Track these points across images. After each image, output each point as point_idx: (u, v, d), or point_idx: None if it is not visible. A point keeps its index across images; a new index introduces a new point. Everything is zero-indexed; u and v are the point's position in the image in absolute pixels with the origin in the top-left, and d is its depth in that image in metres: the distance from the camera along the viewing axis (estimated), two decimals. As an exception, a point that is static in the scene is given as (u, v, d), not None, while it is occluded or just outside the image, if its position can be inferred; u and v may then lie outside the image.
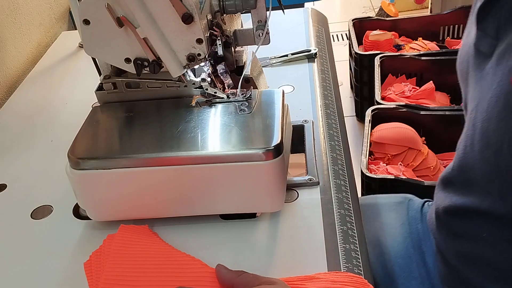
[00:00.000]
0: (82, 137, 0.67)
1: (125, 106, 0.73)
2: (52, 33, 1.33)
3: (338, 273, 0.59)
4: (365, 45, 2.14)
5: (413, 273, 0.79)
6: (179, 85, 0.72)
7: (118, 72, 0.73)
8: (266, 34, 0.72)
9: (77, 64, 1.14)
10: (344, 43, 2.67)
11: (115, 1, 0.64)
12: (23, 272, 0.65)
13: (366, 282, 0.58)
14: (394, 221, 0.87)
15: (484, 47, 0.61)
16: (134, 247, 0.63)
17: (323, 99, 0.90)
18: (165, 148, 0.63)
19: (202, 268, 0.59)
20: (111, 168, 0.62)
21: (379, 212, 0.90)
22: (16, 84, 1.10)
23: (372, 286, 0.57)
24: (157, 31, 0.65)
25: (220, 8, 0.70)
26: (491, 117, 0.58)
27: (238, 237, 0.66)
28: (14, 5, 1.16)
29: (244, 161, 0.61)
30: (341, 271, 0.60)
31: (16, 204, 0.76)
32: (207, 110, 0.69)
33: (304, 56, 1.02)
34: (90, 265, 0.62)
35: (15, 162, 0.85)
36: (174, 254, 0.62)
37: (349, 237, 0.65)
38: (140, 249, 0.62)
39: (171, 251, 0.62)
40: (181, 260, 0.61)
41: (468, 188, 0.67)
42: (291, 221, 0.67)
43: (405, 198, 0.90)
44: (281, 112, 0.67)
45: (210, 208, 0.66)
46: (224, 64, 0.73)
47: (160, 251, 0.62)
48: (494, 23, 0.60)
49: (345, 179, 0.74)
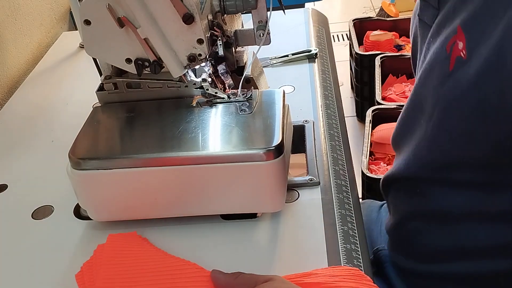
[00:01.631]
0: (83, 137, 0.67)
1: (126, 106, 0.73)
2: (52, 33, 1.33)
3: (335, 268, 0.59)
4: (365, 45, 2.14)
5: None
6: (179, 86, 0.72)
7: (118, 73, 0.73)
8: (267, 34, 0.72)
9: (78, 65, 1.14)
10: (345, 43, 2.67)
11: (116, 2, 0.64)
12: (24, 272, 0.65)
13: (363, 274, 0.58)
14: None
15: (427, 18, 0.62)
16: (125, 256, 0.62)
17: (324, 99, 0.90)
18: (166, 148, 0.63)
19: (197, 272, 0.59)
20: (112, 168, 0.63)
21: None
22: (17, 85, 1.10)
23: (369, 278, 0.57)
24: (158, 31, 0.65)
25: (220, 9, 0.70)
26: (425, 84, 0.59)
27: (239, 238, 0.66)
28: (15, 6, 1.16)
29: (244, 161, 0.61)
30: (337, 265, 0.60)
31: (17, 204, 0.76)
32: (208, 110, 0.69)
33: (305, 56, 1.02)
34: (82, 276, 0.61)
35: (16, 163, 0.85)
36: (167, 259, 0.61)
37: (350, 237, 0.65)
38: (132, 257, 0.62)
39: (164, 257, 0.62)
40: (175, 265, 0.60)
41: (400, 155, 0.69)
42: (291, 221, 0.67)
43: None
44: (282, 112, 0.67)
45: (210, 208, 0.66)
46: (224, 65, 0.73)
47: (153, 258, 0.61)
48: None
49: (345, 179, 0.74)
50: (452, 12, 0.56)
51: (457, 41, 0.54)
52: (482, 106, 0.51)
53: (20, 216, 0.73)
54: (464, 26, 0.53)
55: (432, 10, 0.61)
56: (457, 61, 0.54)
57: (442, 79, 0.56)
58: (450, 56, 0.55)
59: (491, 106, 0.51)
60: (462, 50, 0.53)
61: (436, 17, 0.60)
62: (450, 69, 0.54)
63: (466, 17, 0.53)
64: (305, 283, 0.56)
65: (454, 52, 0.54)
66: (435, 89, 0.57)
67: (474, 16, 0.52)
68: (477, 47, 0.51)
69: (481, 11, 0.52)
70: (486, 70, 0.50)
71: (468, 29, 0.53)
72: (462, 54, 0.53)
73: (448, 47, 0.55)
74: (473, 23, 0.52)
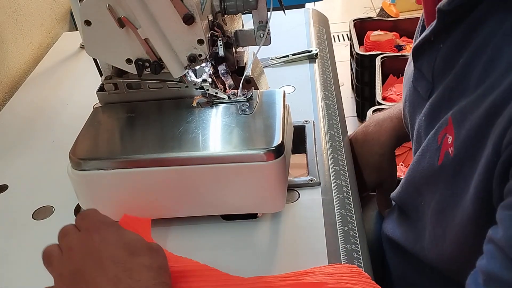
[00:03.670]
0: (83, 138, 0.67)
1: (126, 106, 0.73)
2: (53, 33, 1.33)
3: (333, 265, 0.59)
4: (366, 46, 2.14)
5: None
6: (180, 86, 0.72)
7: (119, 73, 0.73)
8: (267, 34, 0.72)
9: (78, 65, 1.14)
10: (345, 43, 2.67)
11: (116, 2, 0.64)
12: (25, 272, 0.65)
13: (361, 271, 0.58)
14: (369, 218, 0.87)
15: (421, 89, 0.58)
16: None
17: (324, 100, 0.90)
18: (166, 148, 0.63)
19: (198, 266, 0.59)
20: (113, 168, 0.63)
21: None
22: (18, 85, 1.11)
23: (367, 275, 0.57)
24: (158, 31, 0.65)
25: (221, 9, 0.70)
26: (417, 169, 0.56)
27: (239, 238, 0.66)
28: (15, 6, 1.16)
29: (245, 162, 0.61)
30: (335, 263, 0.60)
31: (17, 204, 0.76)
32: (208, 111, 0.69)
33: (305, 56, 1.02)
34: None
35: (17, 163, 0.85)
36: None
37: (350, 237, 0.65)
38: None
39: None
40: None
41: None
42: (292, 222, 0.67)
43: None
44: (282, 112, 0.67)
45: (211, 208, 0.66)
46: (225, 65, 0.73)
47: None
48: (429, 65, 0.56)
49: (346, 179, 0.74)
50: (447, 100, 0.52)
51: (447, 134, 0.51)
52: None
53: (21, 217, 0.73)
54: (455, 120, 0.50)
55: (426, 82, 0.57)
56: (445, 157, 0.51)
57: (433, 172, 0.54)
58: (440, 148, 0.52)
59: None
60: (450, 146, 0.50)
61: (431, 93, 0.56)
62: (439, 163, 0.52)
63: (457, 109, 0.50)
64: (305, 283, 0.56)
65: (444, 145, 0.51)
66: (427, 180, 0.55)
67: (463, 111, 0.49)
68: (461, 147, 0.48)
69: (471, 106, 0.48)
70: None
71: (457, 124, 0.49)
72: (450, 151, 0.50)
73: (440, 137, 0.52)
74: (462, 118, 0.49)
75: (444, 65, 0.54)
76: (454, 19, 0.51)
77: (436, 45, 0.55)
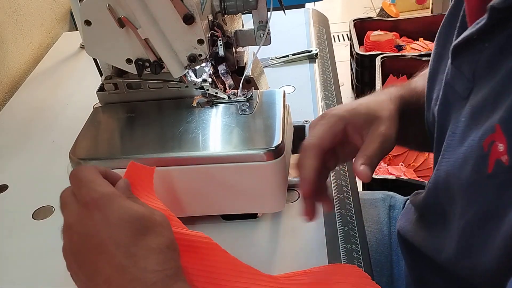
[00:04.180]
0: (83, 137, 0.67)
1: (126, 106, 0.73)
2: (53, 33, 1.33)
3: (333, 265, 0.59)
4: (366, 46, 2.14)
5: (383, 270, 0.79)
6: (180, 86, 0.72)
7: (119, 73, 0.73)
8: (267, 34, 0.72)
9: (79, 65, 1.14)
10: (345, 43, 2.67)
11: (116, 2, 0.64)
12: (25, 272, 0.65)
13: (361, 271, 0.58)
14: (375, 217, 0.86)
15: (459, 87, 0.54)
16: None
17: (324, 100, 0.90)
18: (166, 148, 0.63)
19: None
20: (113, 168, 0.62)
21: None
22: (18, 85, 1.11)
23: (367, 274, 0.57)
24: (158, 31, 0.65)
25: (221, 9, 0.70)
26: (456, 175, 0.52)
27: (239, 238, 0.66)
28: (15, 6, 1.16)
29: (245, 162, 0.61)
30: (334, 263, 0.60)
31: (17, 204, 0.76)
32: (208, 111, 0.69)
33: (305, 56, 1.02)
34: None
35: (17, 163, 0.85)
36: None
37: (350, 237, 0.65)
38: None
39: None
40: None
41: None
42: (292, 222, 0.67)
43: (387, 196, 0.90)
44: (282, 112, 0.67)
45: (211, 208, 0.66)
46: (225, 65, 0.73)
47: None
48: (471, 64, 0.52)
49: (346, 179, 0.74)
50: (491, 103, 0.48)
51: (496, 141, 0.46)
52: None
53: (21, 217, 0.73)
54: (505, 128, 0.45)
55: (466, 82, 0.52)
56: (497, 165, 0.46)
57: (479, 180, 0.49)
58: (488, 155, 0.47)
59: None
60: (503, 154, 0.45)
61: (471, 92, 0.51)
62: (489, 171, 0.47)
63: (505, 116, 0.45)
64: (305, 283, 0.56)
65: (493, 153, 0.46)
66: (468, 188, 0.51)
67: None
68: None
69: None
70: None
71: (509, 132, 0.44)
72: (504, 160, 0.45)
73: (485, 144, 0.47)
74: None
75: (489, 65, 0.50)
76: (502, 18, 0.47)
77: (479, 44, 0.51)
